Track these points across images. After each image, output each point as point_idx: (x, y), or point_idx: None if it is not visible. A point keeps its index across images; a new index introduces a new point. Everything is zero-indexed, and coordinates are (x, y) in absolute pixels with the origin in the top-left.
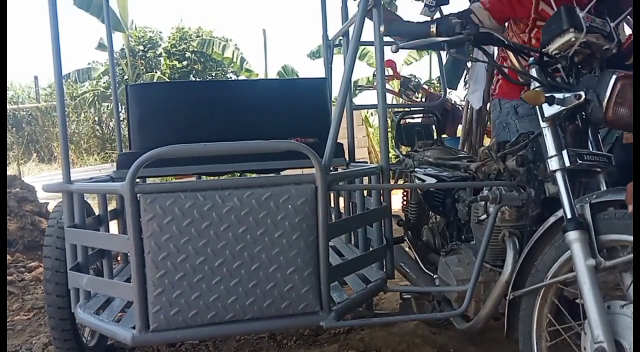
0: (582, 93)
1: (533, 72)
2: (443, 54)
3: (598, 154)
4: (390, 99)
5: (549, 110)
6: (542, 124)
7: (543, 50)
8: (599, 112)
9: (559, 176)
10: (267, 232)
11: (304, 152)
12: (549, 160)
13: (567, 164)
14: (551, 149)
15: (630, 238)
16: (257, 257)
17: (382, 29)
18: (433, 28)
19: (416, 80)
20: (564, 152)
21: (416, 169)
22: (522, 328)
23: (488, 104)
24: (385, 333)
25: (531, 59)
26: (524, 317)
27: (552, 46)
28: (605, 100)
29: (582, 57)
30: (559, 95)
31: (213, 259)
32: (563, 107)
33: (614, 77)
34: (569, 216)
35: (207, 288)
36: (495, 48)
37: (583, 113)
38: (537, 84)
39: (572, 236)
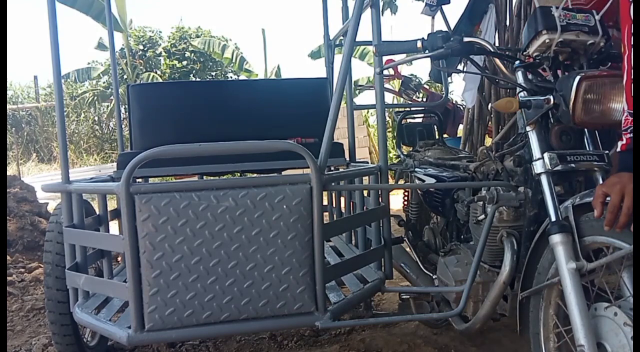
0: (551, 97)
1: (519, 75)
2: None
3: (589, 153)
4: (391, 98)
5: (530, 114)
6: (527, 128)
7: (524, 53)
8: (566, 114)
9: (543, 179)
10: (262, 232)
11: (299, 152)
12: (533, 163)
13: (548, 167)
14: (536, 151)
15: (611, 240)
16: (252, 257)
17: (373, 49)
18: (419, 44)
19: (417, 79)
20: (546, 155)
21: (416, 169)
22: (531, 329)
23: (489, 104)
24: (386, 334)
25: (517, 62)
26: (532, 319)
27: (531, 49)
28: (571, 102)
29: (566, 55)
30: (534, 100)
31: (208, 259)
32: (540, 112)
33: (577, 78)
34: (552, 218)
35: (202, 288)
36: None
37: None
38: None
39: (556, 239)
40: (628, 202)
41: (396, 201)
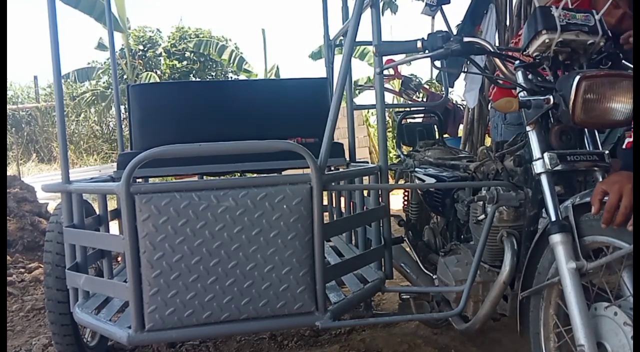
0: (550, 97)
1: (519, 75)
2: None
3: (589, 153)
4: (391, 98)
5: (530, 114)
6: (527, 128)
7: (524, 53)
8: (566, 114)
9: (543, 179)
10: (262, 232)
11: (299, 152)
12: (533, 163)
13: (548, 167)
14: (536, 151)
15: (611, 240)
16: (252, 257)
17: (373, 49)
18: (419, 44)
19: (417, 79)
20: (546, 155)
21: (416, 169)
22: (531, 329)
23: (490, 104)
24: (387, 334)
25: (516, 62)
26: (532, 319)
27: (531, 49)
28: (571, 102)
29: (566, 55)
30: (534, 100)
31: (208, 259)
32: (540, 111)
33: (577, 78)
34: (552, 218)
35: (202, 288)
36: None
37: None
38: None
39: (556, 238)
40: (626, 201)
41: (396, 201)
